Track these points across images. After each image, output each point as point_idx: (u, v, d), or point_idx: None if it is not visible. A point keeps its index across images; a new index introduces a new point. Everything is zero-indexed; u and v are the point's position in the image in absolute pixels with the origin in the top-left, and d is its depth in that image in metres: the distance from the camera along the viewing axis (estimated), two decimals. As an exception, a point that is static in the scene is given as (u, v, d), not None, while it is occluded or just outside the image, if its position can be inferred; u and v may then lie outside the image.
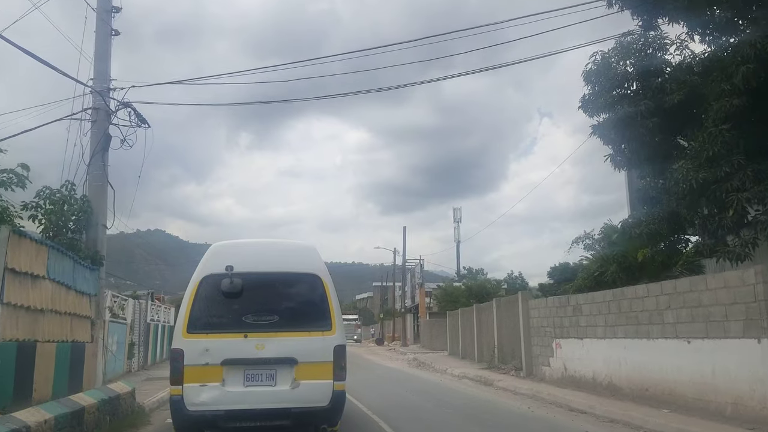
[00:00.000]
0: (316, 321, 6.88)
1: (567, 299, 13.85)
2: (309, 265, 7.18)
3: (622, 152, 11.96)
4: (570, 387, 13.18)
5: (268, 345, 6.63)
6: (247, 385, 6.59)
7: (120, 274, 70.98)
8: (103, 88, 12.06)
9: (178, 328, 6.71)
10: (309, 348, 6.73)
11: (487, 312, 21.35)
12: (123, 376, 16.46)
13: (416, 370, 22.49)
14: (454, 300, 50.52)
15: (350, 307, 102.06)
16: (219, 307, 6.82)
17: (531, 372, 15.88)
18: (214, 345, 6.56)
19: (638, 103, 11.21)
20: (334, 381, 6.70)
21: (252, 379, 6.62)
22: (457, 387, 15.57)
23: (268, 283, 7.00)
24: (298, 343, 6.73)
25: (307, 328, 6.84)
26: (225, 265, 6.75)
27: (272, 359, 6.62)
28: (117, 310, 15.99)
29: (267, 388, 6.60)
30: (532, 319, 15.90)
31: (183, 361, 6.49)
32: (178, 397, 6.44)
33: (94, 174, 11.81)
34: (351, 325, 70.12)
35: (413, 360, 26.95)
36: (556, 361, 14.30)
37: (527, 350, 16.07)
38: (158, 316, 22.69)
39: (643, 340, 10.79)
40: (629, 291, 11.37)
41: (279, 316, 6.82)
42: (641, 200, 12.30)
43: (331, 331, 6.86)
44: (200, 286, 6.80)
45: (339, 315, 7.09)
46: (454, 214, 64.45)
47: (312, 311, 7.01)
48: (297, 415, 6.55)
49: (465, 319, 24.92)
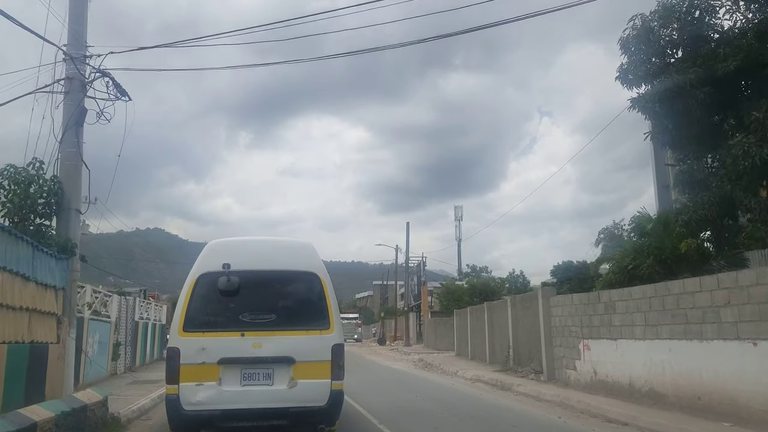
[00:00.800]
0: (313, 320, 6.81)
1: (597, 296, 12.45)
2: (307, 263, 7.10)
3: (665, 129, 10.55)
4: (601, 393, 11.79)
5: (265, 344, 6.55)
6: (244, 384, 6.51)
7: (119, 273, 69.79)
8: (79, 55, 10.67)
9: (175, 327, 6.65)
10: (307, 347, 6.66)
11: (500, 310, 19.95)
12: (106, 379, 15.08)
13: (424, 371, 21.08)
14: (457, 299, 49.30)
15: (350, 306, 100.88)
16: (216, 306, 6.77)
17: (553, 376, 14.48)
18: (211, 344, 6.48)
19: (686, 71, 9.83)
20: (332, 380, 6.63)
21: (249, 378, 6.53)
22: (472, 392, 14.18)
23: (266, 281, 6.94)
24: (296, 342, 6.66)
25: (304, 326, 6.75)
26: (222, 262, 6.67)
27: (269, 358, 6.55)
28: (99, 307, 14.58)
29: (264, 387, 6.53)
30: (554, 317, 14.51)
31: (179, 359, 6.42)
32: (174, 396, 6.36)
33: (67, 152, 10.38)
34: (351, 324, 68.76)
35: (419, 361, 25.56)
36: (583, 364, 12.90)
37: (548, 352, 14.68)
38: (149, 314, 21.29)
39: (693, 342, 9.40)
40: (675, 285, 9.97)
41: (276, 315, 6.75)
42: (686, 184, 10.91)
43: (329, 329, 6.79)
44: (197, 284, 6.72)
45: (337, 313, 7.00)
46: (455, 213, 63.38)
47: (310, 310, 6.94)
48: (294, 414, 6.49)
49: (475, 318, 23.53)
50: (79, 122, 10.54)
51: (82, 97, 10.60)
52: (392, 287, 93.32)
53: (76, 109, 10.48)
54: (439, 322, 35.47)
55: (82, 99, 10.58)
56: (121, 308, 17.09)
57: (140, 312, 19.50)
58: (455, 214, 64.20)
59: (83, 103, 10.62)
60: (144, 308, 20.67)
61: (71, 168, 10.39)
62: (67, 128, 10.42)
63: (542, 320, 14.96)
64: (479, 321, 22.49)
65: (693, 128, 9.97)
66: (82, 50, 10.77)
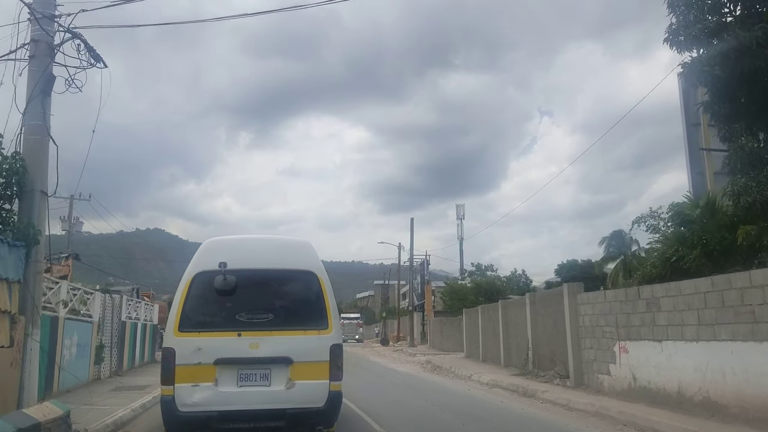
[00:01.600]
0: (312, 319, 6.70)
1: (637, 291, 11.02)
2: (305, 261, 6.98)
3: (724, 98, 9.13)
4: (643, 402, 10.38)
5: (262, 344, 6.45)
6: (240, 385, 6.41)
7: (119, 273, 68.38)
8: (47, 14, 9.26)
9: (170, 327, 6.53)
10: (304, 347, 6.56)
11: (516, 309, 18.52)
12: (87, 385, 13.66)
13: (433, 375, 19.63)
14: (461, 298, 47.96)
15: (351, 306, 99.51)
16: (212, 305, 6.65)
17: (581, 381, 13.06)
18: (207, 344, 6.38)
19: (752, 27, 8.41)
20: (331, 381, 6.54)
21: (246, 379, 6.43)
22: (492, 399, 12.75)
23: (263, 280, 6.82)
24: (294, 342, 6.56)
25: (302, 326, 6.66)
26: (218, 261, 6.56)
27: (267, 359, 6.45)
28: (77, 306, 13.16)
29: (261, 388, 6.43)
30: (583, 316, 13.08)
31: (174, 360, 6.31)
32: (170, 397, 6.24)
33: (31, 125, 8.96)
34: (353, 324, 67.43)
35: (426, 363, 24.13)
36: (619, 368, 11.48)
37: (575, 354, 13.24)
38: (138, 313, 19.85)
39: (765, 344, 7.99)
40: (740, 278, 8.53)
41: (274, 315, 6.63)
42: (747, 161, 9.46)
43: (327, 329, 6.69)
44: (192, 283, 6.61)
45: (336, 313, 6.88)
46: (457, 211, 62.11)
47: (308, 309, 6.82)
48: (292, 416, 6.38)
49: (487, 317, 22.08)
50: (45, 91, 9.11)
51: (49, 62, 9.19)
52: (394, 287, 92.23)
53: (42, 76, 9.06)
54: (446, 322, 34.02)
55: (49, 64, 9.17)
56: (106, 307, 15.67)
57: (128, 311, 18.04)
58: (457, 212, 62.89)
59: (51, 69, 9.22)
60: (133, 307, 19.21)
61: (36, 143, 8.97)
62: (31, 98, 9.01)
63: (568, 320, 13.54)
64: (492, 321, 21.06)
65: (760, 95, 8.56)
66: (51, 9, 9.39)
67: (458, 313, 42.93)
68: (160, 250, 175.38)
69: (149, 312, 21.75)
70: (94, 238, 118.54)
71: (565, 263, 63.01)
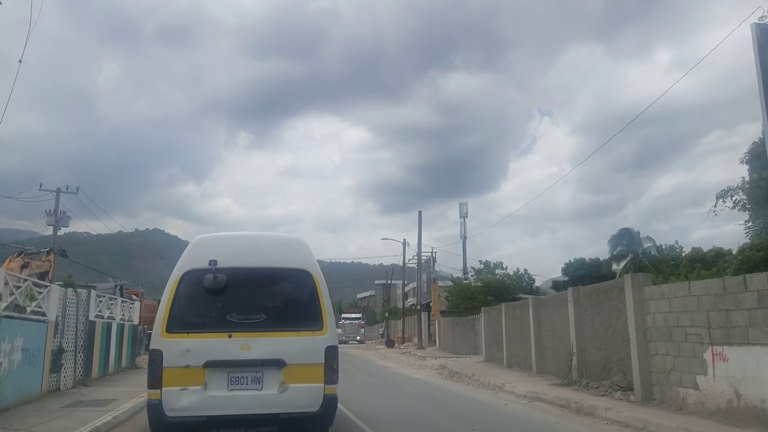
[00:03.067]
0: (306, 320, 6.42)
1: (743, 282, 8.41)
2: (299, 259, 6.70)
3: None
4: (755, 425, 7.84)
5: (254, 345, 6.17)
6: (231, 388, 6.11)
7: (118, 274, 66.09)
8: None
9: (157, 328, 6.20)
10: (298, 349, 6.25)
11: (553, 307, 15.93)
12: (37, 399, 11.07)
13: (455, 383, 17.00)
14: (469, 297, 45.56)
15: (351, 306, 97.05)
16: (201, 305, 6.38)
17: (650, 395, 10.47)
18: (196, 345, 6.08)
19: None
20: (326, 384, 6.24)
21: (236, 382, 6.14)
22: (541, 418, 10.17)
23: (255, 279, 6.53)
24: (287, 344, 6.27)
25: (296, 327, 6.38)
26: (208, 259, 6.28)
27: (258, 361, 6.16)
28: (23, 300, 10.57)
29: (253, 392, 6.14)
30: (653, 315, 10.48)
31: (162, 362, 6.01)
32: (157, 401, 5.95)
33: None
34: (354, 324, 64.96)
35: (441, 368, 21.53)
36: (713, 381, 8.91)
37: (643, 362, 10.66)
38: (114, 312, 17.24)
39: None
40: None
41: (266, 315, 6.35)
42: None
43: (322, 330, 6.39)
44: (181, 282, 6.32)
45: (331, 313, 6.55)
46: (460, 209, 60.13)
47: (302, 309, 6.55)
48: (285, 421, 6.10)
49: (512, 317, 19.43)
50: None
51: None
52: (398, 286, 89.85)
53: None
54: (458, 323, 31.40)
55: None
56: (68, 304, 13.04)
57: (98, 309, 15.39)
58: (460, 210, 60.86)
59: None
60: (106, 305, 16.55)
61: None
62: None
63: (632, 318, 10.94)
64: (520, 321, 18.46)
65: None
66: None
67: (465, 312, 40.67)
68: (159, 251, 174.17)
69: (128, 310, 19.12)
70: (94, 239, 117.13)
71: (572, 261, 60.86)
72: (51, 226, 40.49)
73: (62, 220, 41.29)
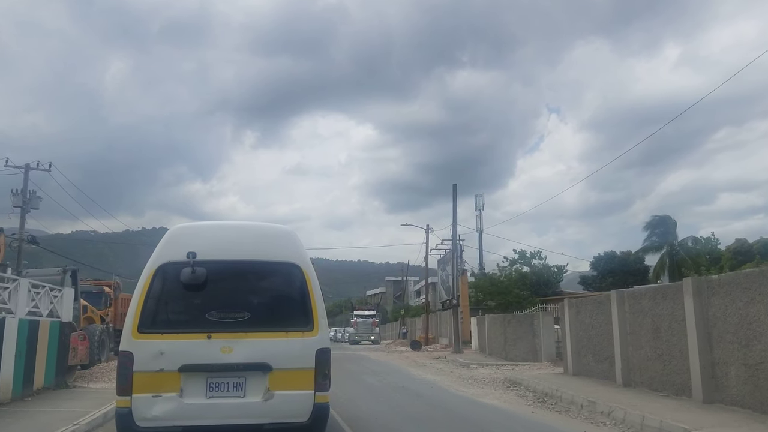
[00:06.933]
0: (294, 319, 5.94)
1: None
2: (287, 252, 6.17)
3: None
4: None
5: (236, 348, 5.69)
6: (210, 396, 5.63)
7: (124, 272, 61.16)
8: None
9: (128, 327, 5.69)
10: (286, 351, 5.77)
11: (738, 296, 9.54)
12: None
13: (563, 418, 10.60)
14: (502, 291, 39.72)
15: (361, 303, 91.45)
16: (178, 302, 5.89)
17: None
18: (171, 347, 5.60)
19: None
20: (316, 392, 5.75)
21: (216, 388, 5.65)
22: None
23: (238, 273, 6.03)
24: (273, 346, 5.77)
25: (284, 327, 5.87)
26: (186, 251, 5.78)
27: (241, 365, 5.66)
28: None
29: (234, 399, 5.65)
30: None
31: (132, 366, 5.50)
32: (126, 410, 5.44)
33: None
34: (367, 323, 58.72)
35: (511, 384, 14.90)
36: None
37: None
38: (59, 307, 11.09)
39: None
40: None
41: (250, 314, 5.85)
42: None
43: (312, 331, 5.89)
44: (155, 276, 5.81)
45: (323, 312, 6.01)
46: (475, 202, 56.05)
47: (290, 308, 6.06)
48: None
49: (638, 311, 12.27)
50: None
51: None
52: (408, 283, 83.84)
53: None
54: (510, 320, 25.04)
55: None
56: None
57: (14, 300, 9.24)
58: (476, 203, 56.33)
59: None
60: (10, 294, 10.35)
61: None
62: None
63: None
64: (655, 317, 11.85)
65: None
66: None
67: (495, 309, 35.15)
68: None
69: (56, 302, 12.87)
70: (101, 237, 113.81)
71: (602, 255, 55.55)
72: (17, 207, 35.08)
73: (32, 201, 35.71)
